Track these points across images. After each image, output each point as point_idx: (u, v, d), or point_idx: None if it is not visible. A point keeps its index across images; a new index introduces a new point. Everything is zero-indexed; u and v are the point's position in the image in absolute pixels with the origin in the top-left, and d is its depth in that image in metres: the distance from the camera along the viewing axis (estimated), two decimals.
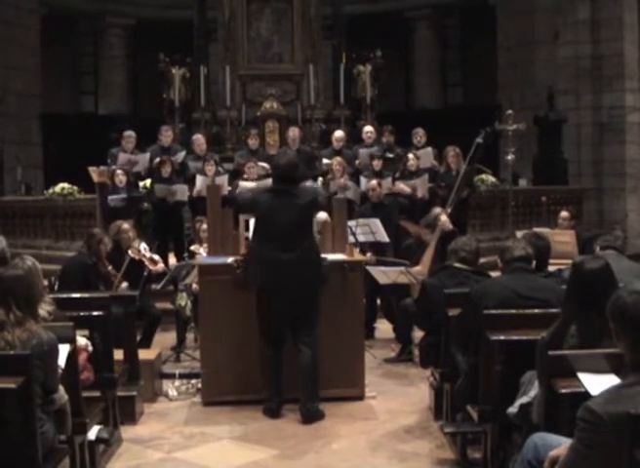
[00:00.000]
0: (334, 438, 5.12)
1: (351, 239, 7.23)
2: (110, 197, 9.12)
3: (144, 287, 7.05)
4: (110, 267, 6.78)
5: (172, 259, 9.27)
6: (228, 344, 5.84)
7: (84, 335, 4.59)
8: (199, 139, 10.42)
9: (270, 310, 5.54)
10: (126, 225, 7.22)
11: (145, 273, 7.12)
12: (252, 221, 5.91)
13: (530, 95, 14.94)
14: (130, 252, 7.05)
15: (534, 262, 4.67)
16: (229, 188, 9.29)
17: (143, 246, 7.28)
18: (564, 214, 8.26)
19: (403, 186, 9.07)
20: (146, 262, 7.11)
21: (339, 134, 10.60)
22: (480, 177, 11.23)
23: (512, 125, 9.84)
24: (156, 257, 7.35)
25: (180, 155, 10.09)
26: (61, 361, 3.87)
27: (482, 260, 5.96)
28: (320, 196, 5.81)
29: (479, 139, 8.34)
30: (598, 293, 3.36)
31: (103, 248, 6.63)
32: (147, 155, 9.86)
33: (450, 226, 7.22)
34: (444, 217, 7.27)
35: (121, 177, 9.20)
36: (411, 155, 9.43)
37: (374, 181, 8.54)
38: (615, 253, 5.46)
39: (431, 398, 5.52)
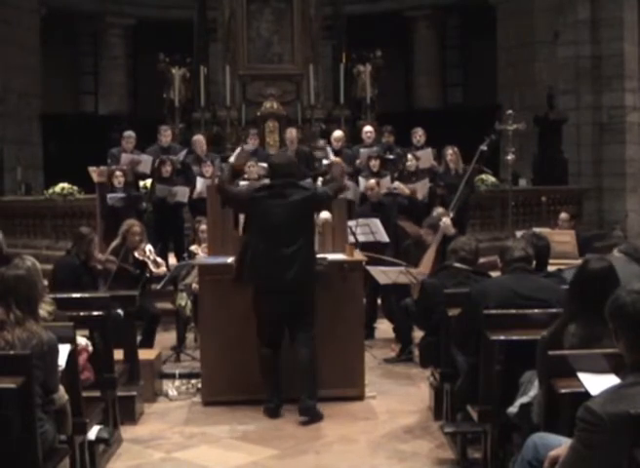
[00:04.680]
0: (334, 438, 5.11)
1: (351, 239, 7.23)
2: (109, 195, 9.13)
3: (145, 287, 7.07)
4: (101, 255, 6.84)
5: (172, 259, 9.27)
6: (228, 344, 5.83)
7: (84, 335, 4.59)
8: (200, 141, 10.41)
9: (266, 309, 5.53)
10: (137, 228, 7.24)
11: (147, 274, 7.15)
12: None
13: (530, 95, 14.92)
14: (136, 253, 7.11)
15: (534, 262, 4.68)
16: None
17: (149, 248, 7.32)
18: (563, 215, 8.26)
19: (403, 187, 9.06)
20: (150, 264, 7.15)
21: (337, 134, 10.60)
22: (480, 177, 11.23)
23: (512, 125, 9.82)
24: (160, 260, 7.38)
25: (182, 154, 10.07)
26: (62, 361, 3.87)
27: (482, 260, 5.96)
28: (319, 190, 5.80)
29: (483, 147, 8.31)
30: (599, 294, 3.36)
31: (92, 247, 6.63)
32: (151, 156, 9.85)
33: (452, 231, 7.19)
34: (447, 221, 7.23)
35: (120, 178, 9.21)
36: (410, 155, 9.44)
37: (372, 181, 8.56)
38: (624, 258, 5.41)
39: (431, 398, 5.52)
